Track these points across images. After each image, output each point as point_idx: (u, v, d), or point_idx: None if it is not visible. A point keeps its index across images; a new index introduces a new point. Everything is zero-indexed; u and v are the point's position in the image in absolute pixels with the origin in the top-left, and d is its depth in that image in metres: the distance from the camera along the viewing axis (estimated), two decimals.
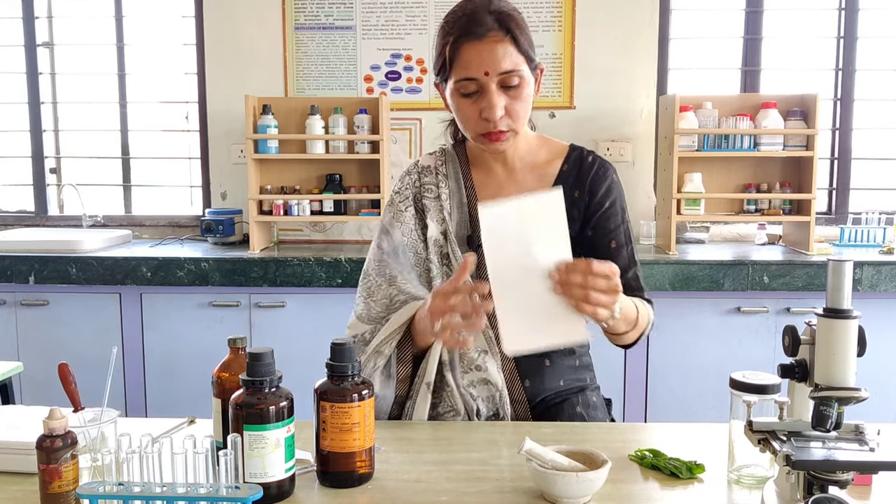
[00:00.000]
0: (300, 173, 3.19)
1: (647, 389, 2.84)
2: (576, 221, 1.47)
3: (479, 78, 1.34)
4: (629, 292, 1.46)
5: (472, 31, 1.34)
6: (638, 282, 1.49)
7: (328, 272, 2.79)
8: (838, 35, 3.32)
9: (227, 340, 1.18)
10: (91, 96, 3.53)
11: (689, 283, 2.73)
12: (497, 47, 1.33)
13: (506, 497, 1.08)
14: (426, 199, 1.51)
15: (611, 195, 1.48)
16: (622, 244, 1.47)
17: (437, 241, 1.48)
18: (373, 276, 1.49)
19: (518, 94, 1.36)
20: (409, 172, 1.56)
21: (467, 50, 1.34)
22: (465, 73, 1.35)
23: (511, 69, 1.34)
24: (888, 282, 2.70)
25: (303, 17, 3.31)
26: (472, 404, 1.44)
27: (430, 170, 1.54)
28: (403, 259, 1.48)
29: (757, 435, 1.02)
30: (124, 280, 2.82)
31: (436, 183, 1.52)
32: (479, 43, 1.34)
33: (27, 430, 1.18)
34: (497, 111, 1.35)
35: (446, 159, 1.54)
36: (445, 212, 1.49)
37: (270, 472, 1.04)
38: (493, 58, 1.33)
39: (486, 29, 1.33)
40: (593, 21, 3.25)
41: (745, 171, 3.14)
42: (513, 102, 1.36)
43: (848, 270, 1.00)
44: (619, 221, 1.48)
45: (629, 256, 1.47)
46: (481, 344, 1.44)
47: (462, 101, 1.38)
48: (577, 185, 1.47)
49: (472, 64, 1.34)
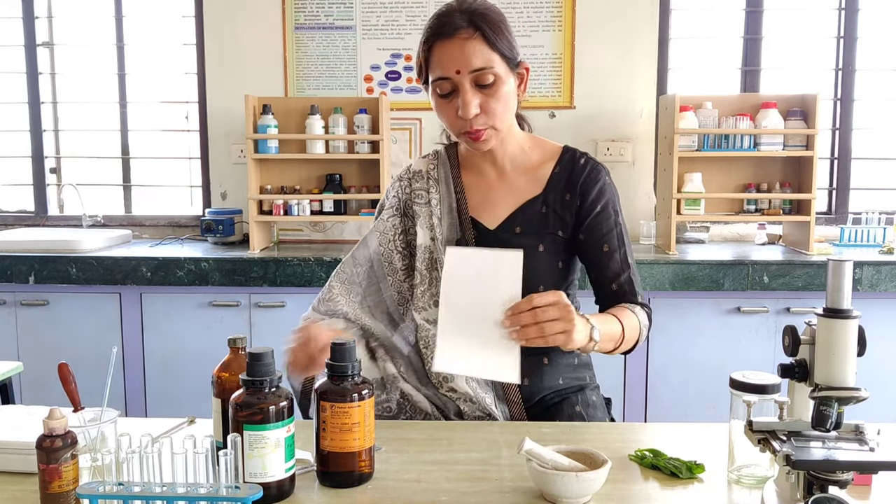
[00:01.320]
0: (300, 173, 3.19)
1: (647, 389, 2.84)
2: (567, 225, 1.46)
3: (452, 77, 1.34)
4: (621, 297, 1.46)
5: (442, 30, 1.35)
6: (632, 286, 1.47)
7: (328, 272, 2.77)
8: (838, 35, 3.32)
9: (227, 340, 1.18)
10: (91, 96, 3.53)
11: (689, 283, 2.73)
12: (466, 45, 1.34)
13: (506, 497, 1.08)
14: (416, 205, 1.52)
15: (602, 198, 1.46)
16: (615, 248, 1.46)
17: (427, 248, 1.48)
18: (336, 278, 1.52)
19: (493, 93, 1.36)
20: (400, 178, 1.56)
21: (438, 50, 1.35)
22: (438, 72, 1.36)
23: (482, 66, 1.34)
24: (888, 282, 2.70)
25: (303, 17, 3.31)
26: (451, 405, 1.44)
27: (421, 175, 1.54)
28: (378, 269, 1.50)
29: (757, 435, 1.02)
30: (124, 280, 2.82)
31: (426, 189, 1.52)
32: (448, 42, 1.34)
33: (27, 430, 1.18)
34: (470, 109, 1.35)
35: (438, 163, 1.54)
36: (435, 217, 1.48)
37: (270, 472, 1.04)
38: (464, 56, 1.33)
39: (455, 28, 1.34)
40: (593, 21, 3.25)
41: (745, 171, 3.14)
42: (488, 100, 1.36)
43: (848, 270, 1.00)
44: (611, 225, 1.46)
45: (622, 260, 1.46)
46: None
47: (440, 102, 1.39)
48: (569, 187, 1.46)
49: (443, 63, 1.35)
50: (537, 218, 1.46)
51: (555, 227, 1.46)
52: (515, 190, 1.48)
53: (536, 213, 1.46)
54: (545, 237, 1.45)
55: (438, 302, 1.33)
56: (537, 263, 1.44)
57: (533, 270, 1.43)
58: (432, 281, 1.47)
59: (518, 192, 1.48)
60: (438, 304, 1.28)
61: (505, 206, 1.48)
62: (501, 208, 1.48)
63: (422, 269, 1.47)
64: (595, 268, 1.47)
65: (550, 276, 1.46)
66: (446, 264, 1.24)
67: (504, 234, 1.46)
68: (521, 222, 1.46)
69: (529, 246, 1.44)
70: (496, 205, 1.48)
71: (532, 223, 1.46)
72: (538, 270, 1.44)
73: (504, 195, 1.49)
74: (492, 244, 1.44)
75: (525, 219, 1.46)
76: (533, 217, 1.46)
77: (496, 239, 1.46)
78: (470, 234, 1.47)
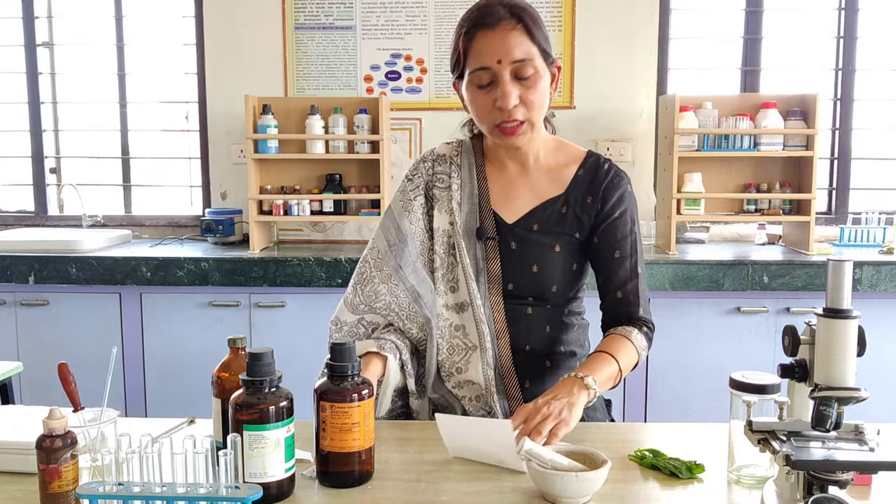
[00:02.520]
0: (300, 173, 3.19)
1: (647, 389, 2.84)
2: (585, 227, 1.46)
3: (492, 66, 1.34)
4: (624, 307, 1.45)
5: (484, 21, 1.35)
6: (636, 296, 1.46)
7: (328, 272, 2.79)
8: (838, 35, 3.32)
9: (227, 340, 1.18)
10: (91, 96, 3.53)
11: (689, 283, 2.73)
12: (509, 36, 1.34)
13: (506, 497, 1.08)
14: (437, 188, 1.51)
15: (622, 205, 1.46)
16: (626, 255, 1.45)
17: (445, 232, 1.48)
18: (369, 265, 1.49)
19: (532, 85, 1.36)
20: (424, 159, 1.55)
21: (479, 39, 1.35)
22: (478, 62, 1.35)
23: (523, 58, 1.34)
24: (888, 282, 2.70)
25: (303, 17, 3.31)
26: (457, 404, 1.44)
27: (444, 159, 1.53)
28: (412, 248, 1.48)
29: (757, 435, 1.02)
30: (124, 280, 2.82)
31: (448, 173, 1.51)
32: (490, 32, 1.34)
33: (27, 430, 1.18)
34: (510, 99, 1.34)
35: (462, 150, 1.54)
36: (455, 202, 1.48)
37: (270, 472, 1.04)
38: (505, 46, 1.34)
39: (497, 18, 1.34)
40: (593, 21, 3.26)
41: (745, 171, 3.14)
42: (527, 93, 1.36)
43: (848, 270, 1.00)
44: (626, 232, 1.46)
45: (631, 268, 1.46)
46: (473, 339, 1.45)
47: (477, 94, 1.38)
48: (591, 190, 1.46)
49: (484, 52, 1.35)
50: (556, 218, 1.46)
51: (572, 229, 1.46)
52: (537, 188, 1.48)
53: (556, 212, 1.46)
54: (561, 237, 1.45)
55: (454, 288, 1.44)
56: (552, 263, 1.45)
57: (547, 270, 1.44)
58: (449, 266, 1.47)
59: (539, 190, 1.48)
60: (454, 291, 1.40)
61: (525, 202, 1.48)
62: (521, 204, 1.48)
63: (441, 252, 1.48)
64: (603, 273, 1.47)
65: (563, 275, 1.46)
66: (441, 429, 1.22)
67: (521, 231, 1.46)
68: (539, 220, 1.46)
69: (546, 245, 1.45)
70: (516, 200, 1.48)
71: (550, 222, 1.46)
72: (553, 271, 1.45)
73: (525, 191, 1.48)
74: (508, 239, 1.46)
75: (544, 217, 1.46)
76: (552, 216, 1.46)
77: (513, 234, 1.46)
78: (490, 224, 1.46)
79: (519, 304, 1.46)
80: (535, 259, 1.45)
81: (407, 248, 1.47)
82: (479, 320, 1.44)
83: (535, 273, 1.45)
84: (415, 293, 1.46)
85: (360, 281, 1.49)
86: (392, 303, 1.46)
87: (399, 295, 1.46)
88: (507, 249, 1.46)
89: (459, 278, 1.46)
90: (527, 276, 1.45)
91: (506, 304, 1.46)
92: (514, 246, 1.46)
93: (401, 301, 1.46)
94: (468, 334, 1.45)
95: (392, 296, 1.46)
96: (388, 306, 1.46)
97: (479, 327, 1.43)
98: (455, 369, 1.46)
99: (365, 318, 1.50)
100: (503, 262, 1.46)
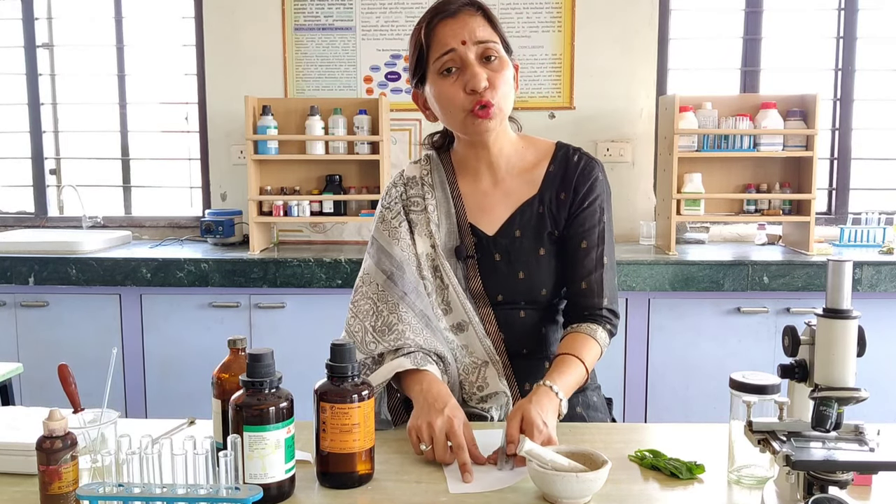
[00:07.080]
0: (300, 174, 3.19)
1: (647, 389, 2.84)
2: (561, 222, 1.45)
3: (458, 48, 1.34)
4: (587, 298, 1.43)
5: (444, 10, 1.37)
6: (600, 287, 1.43)
7: (328, 273, 2.79)
8: (838, 35, 3.32)
9: (227, 341, 1.18)
10: (91, 97, 3.53)
11: (689, 283, 2.73)
12: (471, 20, 1.36)
13: (506, 497, 1.08)
14: (412, 213, 1.48)
15: (592, 193, 1.45)
16: (593, 245, 1.44)
17: (429, 256, 1.46)
18: (372, 302, 1.42)
19: (499, 69, 1.36)
20: (395, 184, 1.52)
21: (441, 28, 1.36)
22: (441, 47, 1.35)
23: (487, 39, 1.35)
24: (888, 282, 2.70)
25: (302, 18, 3.31)
26: (486, 416, 1.43)
27: (415, 181, 1.50)
28: (409, 274, 1.43)
29: (757, 435, 1.02)
30: (124, 281, 2.82)
31: (422, 195, 1.48)
32: (451, 19, 1.36)
33: (27, 431, 1.18)
34: (480, 80, 1.33)
35: (431, 168, 1.51)
36: (433, 224, 1.46)
37: (270, 473, 1.04)
38: (468, 28, 1.35)
39: (457, 6, 1.36)
40: (593, 21, 3.26)
41: (745, 171, 3.14)
42: (495, 76, 1.35)
43: (848, 270, 1.00)
44: (594, 221, 1.44)
45: (597, 259, 1.44)
46: (480, 356, 1.44)
47: (444, 83, 1.36)
48: (564, 186, 1.45)
49: (447, 36, 1.35)
50: (535, 218, 1.45)
51: (552, 226, 1.45)
52: (511, 193, 1.46)
53: (534, 214, 1.45)
54: (543, 238, 1.44)
55: (447, 310, 1.44)
56: (539, 268, 1.44)
57: (534, 275, 1.43)
58: (438, 288, 1.45)
59: (514, 194, 1.46)
60: (447, 313, 1.40)
61: (502, 210, 1.46)
62: (499, 213, 1.46)
63: (429, 276, 1.45)
64: (570, 264, 1.45)
65: (551, 278, 1.45)
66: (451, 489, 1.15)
67: (504, 240, 1.44)
68: (519, 225, 1.45)
69: (530, 250, 1.44)
70: (493, 209, 1.46)
71: (530, 224, 1.44)
72: (540, 275, 1.44)
73: (500, 199, 1.47)
74: (492, 252, 1.44)
75: (524, 221, 1.45)
76: (531, 219, 1.45)
77: (496, 245, 1.44)
78: (469, 241, 1.45)
79: (511, 310, 1.45)
80: (520, 266, 1.44)
81: (405, 275, 1.42)
82: (481, 337, 1.43)
83: (522, 280, 1.44)
84: (424, 317, 1.41)
85: (364, 321, 1.41)
86: (406, 330, 1.38)
87: (411, 322, 1.39)
88: (490, 263, 1.44)
89: (451, 299, 1.44)
90: (515, 285, 1.44)
91: (497, 312, 1.44)
92: (498, 258, 1.44)
93: (414, 327, 1.39)
94: (474, 352, 1.44)
95: (404, 324, 1.38)
96: (402, 334, 1.37)
97: (484, 343, 1.43)
98: (476, 388, 1.44)
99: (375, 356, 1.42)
100: (490, 276, 1.44)
